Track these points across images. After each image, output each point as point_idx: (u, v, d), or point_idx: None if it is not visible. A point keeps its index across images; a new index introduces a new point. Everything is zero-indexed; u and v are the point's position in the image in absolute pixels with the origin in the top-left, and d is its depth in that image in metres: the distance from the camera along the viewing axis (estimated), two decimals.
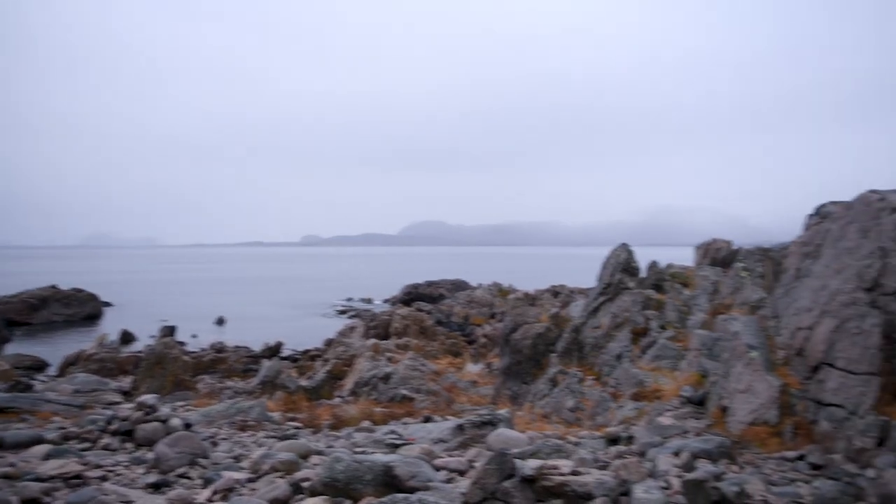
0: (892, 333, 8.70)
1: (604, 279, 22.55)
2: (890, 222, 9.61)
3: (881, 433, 7.68)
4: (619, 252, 22.90)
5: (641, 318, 19.78)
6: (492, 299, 58.72)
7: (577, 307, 25.91)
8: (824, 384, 9.29)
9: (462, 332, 47.73)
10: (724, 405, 10.93)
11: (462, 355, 35.66)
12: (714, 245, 25.70)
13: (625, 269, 22.24)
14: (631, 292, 21.14)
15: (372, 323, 42.80)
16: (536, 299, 44.88)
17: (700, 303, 19.32)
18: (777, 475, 7.74)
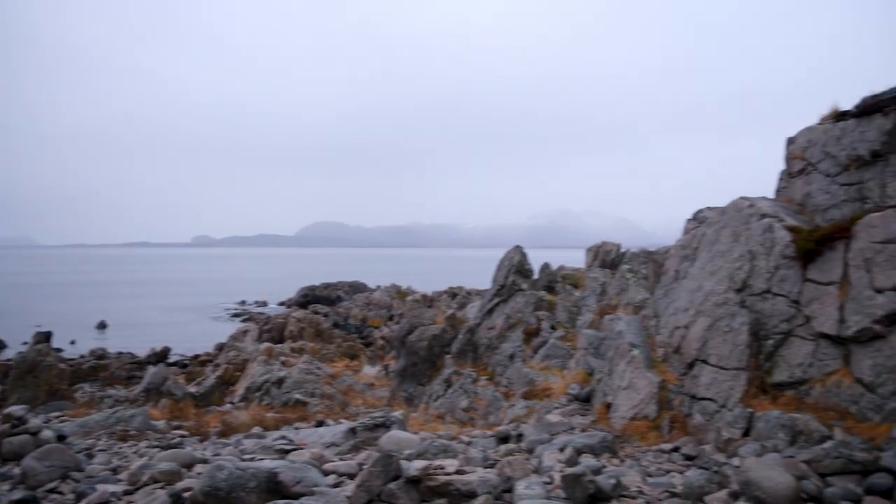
0: (758, 331, 9.29)
1: (498, 281, 22.98)
2: (758, 227, 10.26)
3: (747, 424, 8.19)
4: (512, 254, 23.38)
5: (534, 319, 20.26)
6: (390, 301, 58.63)
7: (473, 309, 26.29)
8: (698, 379, 9.81)
9: (359, 335, 47.44)
10: (609, 402, 11.35)
11: (359, 358, 35.44)
12: (604, 248, 26.66)
13: (518, 271, 22.73)
14: (524, 294, 21.62)
15: (266, 326, 41.86)
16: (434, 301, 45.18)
17: (589, 303, 19.97)
18: (654, 467, 8.10)
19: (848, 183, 10.83)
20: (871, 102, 11.09)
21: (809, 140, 12.18)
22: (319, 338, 38.46)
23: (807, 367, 8.47)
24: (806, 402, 8.17)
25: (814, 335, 8.57)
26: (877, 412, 7.31)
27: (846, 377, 7.87)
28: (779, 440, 7.41)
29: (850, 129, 11.10)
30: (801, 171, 12.15)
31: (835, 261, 8.68)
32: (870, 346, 7.75)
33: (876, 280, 7.92)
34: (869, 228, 8.34)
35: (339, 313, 57.50)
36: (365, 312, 56.03)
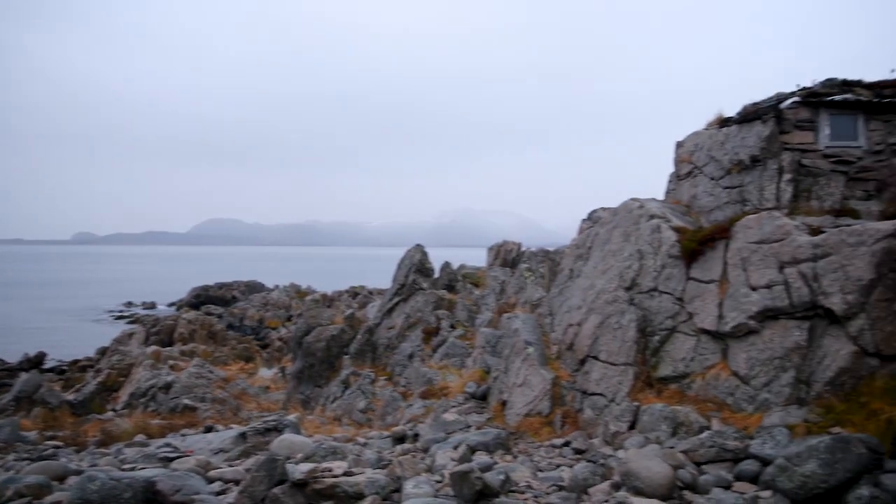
0: (645, 328, 9.62)
1: (398, 280, 22.90)
2: (647, 227, 10.62)
3: (633, 417, 8.46)
4: (413, 253, 23.35)
5: (433, 318, 20.31)
6: (289, 301, 57.39)
7: (374, 308, 26.08)
8: (589, 375, 10.06)
9: (256, 336, 46.23)
10: (504, 399, 11.49)
11: (255, 360, 34.51)
12: (505, 247, 27.04)
13: (419, 270, 22.72)
14: (424, 293, 21.64)
15: (154, 328, 40.04)
16: (334, 301, 44.58)
17: (488, 302, 20.22)
18: (545, 461, 8.23)
19: (730, 186, 11.40)
20: (752, 110, 11.71)
21: (696, 144, 12.75)
22: (212, 340, 37.19)
23: (689, 361, 8.83)
24: (688, 394, 8.52)
25: (695, 331, 8.95)
26: (750, 403, 7.70)
27: (724, 370, 8.25)
28: (661, 432, 7.68)
29: (733, 135, 11.69)
30: (689, 174, 12.69)
31: (715, 260, 9.09)
32: (745, 341, 8.16)
33: (751, 278, 8.35)
34: (745, 229, 8.77)
35: (234, 314, 55.85)
36: (262, 313, 54.66)
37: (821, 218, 9.24)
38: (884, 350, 7.05)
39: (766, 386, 7.66)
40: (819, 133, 11.10)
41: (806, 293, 7.66)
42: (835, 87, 11.31)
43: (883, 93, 10.98)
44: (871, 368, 7.08)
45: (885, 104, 10.86)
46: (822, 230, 8.07)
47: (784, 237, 8.20)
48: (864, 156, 10.96)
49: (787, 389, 7.44)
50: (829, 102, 11.03)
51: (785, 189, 10.65)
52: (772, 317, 7.97)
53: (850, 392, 7.07)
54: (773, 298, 7.94)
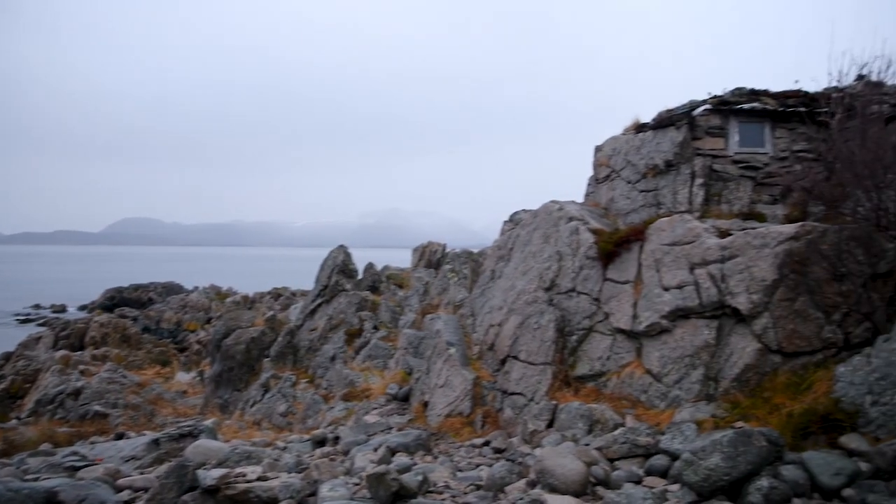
0: (564, 327, 9.79)
1: (321, 281, 22.63)
2: (566, 229, 10.82)
3: (551, 416, 8.59)
4: (336, 254, 23.13)
5: (356, 320, 20.15)
6: (209, 303, 55.87)
7: (296, 310, 25.69)
8: (510, 375, 10.18)
9: (173, 340, 44.86)
10: (426, 400, 11.50)
11: (172, 364, 33.48)
12: (430, 248, 27.08)
13: (342, 271, 22.52)
14: (347, 294, 21.45)
15: (63, 332, 38.27)
16: (256, 302, 43.68)
17: (412, 303, 20.20)
18: (465, 461, 8.27)
19: (646, 189, 11.73)
20: (666, 117, 12.09)
21: (614, 149, 13.07)
22: (126, 344, 35.85)
23: (605, 360, 9.04)
24: (604, 392, 8.72)
25: (611, 330, 9.17)
26: (662, 399, 7.94)
27: (638, 368, 8.49)
28: (578, 430, 7.83)
29: (649, 141, 12.04)
30: (607, 178, 13.00)
31: (630, 261, 9.34)
32: (658, 340, 8.41)
33: (664, 279, 8.61)
34: (659, 232, 9.05)
35: (150, 317, 53.99)
36: (180, 315, 53.04)
37: (730, 221, 9.61)
38: (786, 347, 7.39)
39: (677, 383, 7.91)
40: (729, 139, 11.57)
41: (714, 293, 7.96)
42: (743, 95, 11.79)
43: (788, 102, 11.52)
44: (775, 365, 7.41)
45: (789, 113, 11.40)
46: (729, 233, 8.40)
47: (694, 239, 8.50)
48: (770, 162, 11.47)
49: (697, 386, 7.71)
50: (738, 110, 11.51)
51: (697, 193, 11.04)
52: (683, 316, 8.25)
53: (755, 388, 7.38)
54: (684, 298, 8.22)
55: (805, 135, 11.36)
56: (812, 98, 11.34)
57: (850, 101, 10.28)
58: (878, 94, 10.92)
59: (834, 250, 7.42)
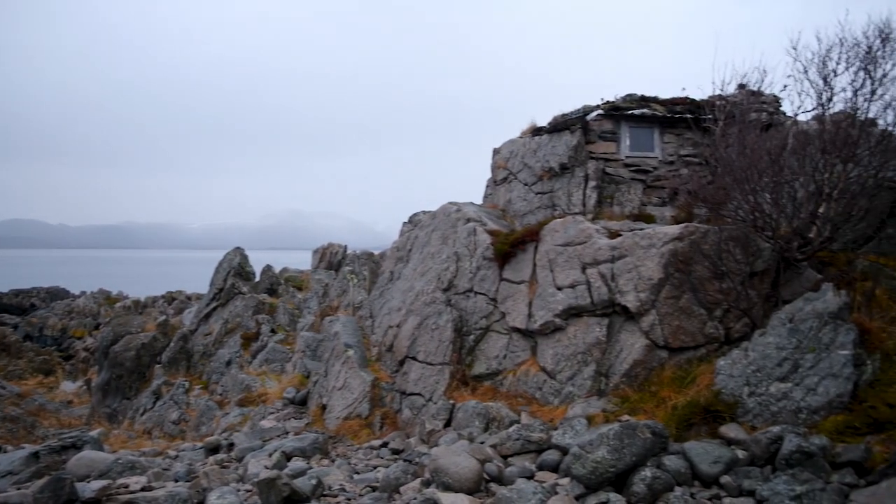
0: (461, 327, 9.85)
1: (216, 284, 21.95)
2: (464, 231, 10.90)
3: (449, 415, 8.62)
4: (232, 256, 22.48)
5: (253, 323, 19.64)
6: (97, 308, 53.12)
7: (190, 314, 24.79)
8: (408, 376, 10.15)
9: (58, 347, 42.36)
10: (324, 403, 11.31)
11: (56, 373, 31.60)
12: (330, 249, 26.72)
13: (238, 274, 21.91)
14: (244, 297, 20.88)
15: None
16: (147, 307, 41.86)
17: (311, 305, 19.86)
18: (363, 464, 8.18)
19: (542, 191, 11.98)
20: (561, 121, 12.40)
21: (511, 151, 13.28)
22: (5, 352, 33.55)
23: (501, 359, 9.16)
24: (500, 391, 8.83)
25: (508, 330, 9.30)
26: (556, 396, 8.11)
27: (533, 366, 8.64)
28: (475, 428, 7.89)
29: (544, 144, 12.29)
30: (504, 180, 13.19)
31: (525, 262, 9.51)
32: (552, 338, 8.59)
33: (557, 279, 8.80)
34: (552, 233, 9.25)
35: (32, 324, 50.79)
36: (65, 322, 50.17)
37: (620, 222, 9.94)
38: (671, 343, 7.70)
39: (570, 380, 8.10)
40: (620, 144, 11.98)
41: (605, 292, 8.20)
42: (634, 101, 12.25)
43: (675, 108, 12.04)
44: (661, 360, 7.70)
45: (676, 119, 11.92)
46: (619, 234, 8.67)
47: (586, 240, 8.73)
48: (659, 166, 11.95)
49: (589, 382, 7.91)
50: (629, 116, 11.94)
51: (590, 195, 11.37)
52: (575, 314, 8.45)
53: (643, 382, 7.65)
54: (577, 297, 8.43)
55: (691, 140, 11.91)
56: (697, 105, 11.91)
57: (731, 108, 10.85)
58: (756, 103, 11.58)
59: (715, 250, 7.79)
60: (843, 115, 8.54)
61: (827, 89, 8.90)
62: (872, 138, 8.03)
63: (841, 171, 7.82)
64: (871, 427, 5.84)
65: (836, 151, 7.78)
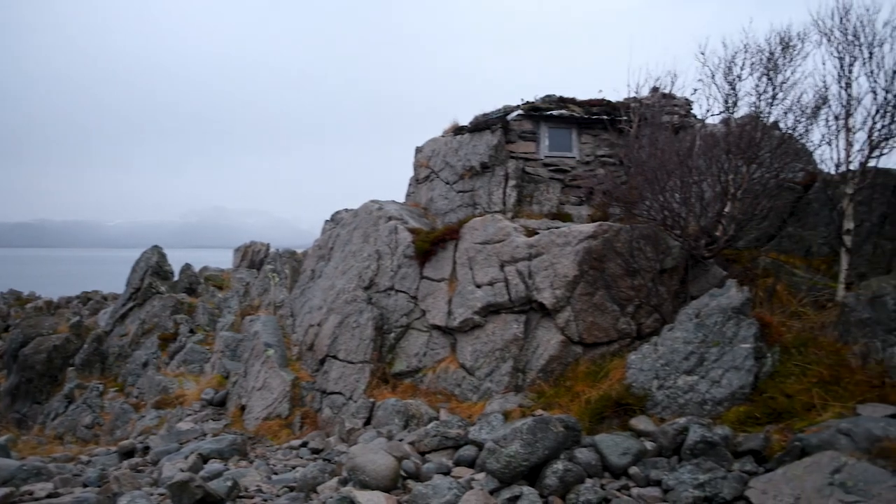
0: (382, 326, 9.85)
1: (133, 284, 21.24)
2: (386, 229, 10.90)
3: (369, 413, 8.62)
4: (150, 255, 21.80)
5: (171, 323, 19.10)
6: (7, 310, 50.72)
7: (106, 315, 23.92)
8: (329, 375, 10.09)
9: None
10: (244, 403, 11.13)
11: None
12: (252, 247, 26.18)
13: (156, 273, 21.26)
14: (162, 297, 20.29)
15: None
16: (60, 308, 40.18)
17: (231, 305, 19.46)
18: (281, 464, 8.09)
19: (463, 190, 12.08)
20: (482, 121, 12.53)
21: (433, 150, 13.35)
22: None
23: (422, 356, 9.21)
24: (420, 388, 8.88)
25: (428, 327, 9.36)
26: (475, 392, 8.22)
27: (452, 363, 8.73)
28: (394, 425, 7.91)
29: (466, 143, 12.40)
30: (426, 178, 13.25)
31: (446, 260, 9.58)
32: (471, 335, 8.70)
33: (477, 276, 8.92)
34: (472, 231, 9.35)
35: None
36: None
37: (539, 221, 10.13)
38: (586, 339, 7.91)
39: (488, 376, 8.22)
40: (540, 144, 12.19)
41: (522, 289, 8.35)
42: (553, 102, 12.48)
43: (592, 110, 12.34)
44: (576, 355, 7.91)
45: (593, 120, 12.21)
46: (536, 232, 8.85)
47: (504, 238, 8.87)
48: (576, 165, 12.22)
49: (507, 378, 8.05)
50: (548, 116, 12.17)
51: (510, 194, 11.53)
52: (494, 311, 8.58)
53: (559, 377, 7.83)
54: (495, 294, 8.55)
55: (608, 141, 12.23)
56: (613, 107, 12.23)
57: (645, 111, 11.20)
58: (668, 106, 11.99)
59: (627, 248, 8.04)
60: (748, 119, 8.95)
61: (732, 94, 9.33)
62: (774, 141, 8.43)
63: (745, 172, 8.19)
64: (770, 417, 6.13)
65: (741, 153, 8.15)
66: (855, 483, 4.46)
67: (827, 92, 8.06)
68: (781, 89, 8.88)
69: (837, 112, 7.89)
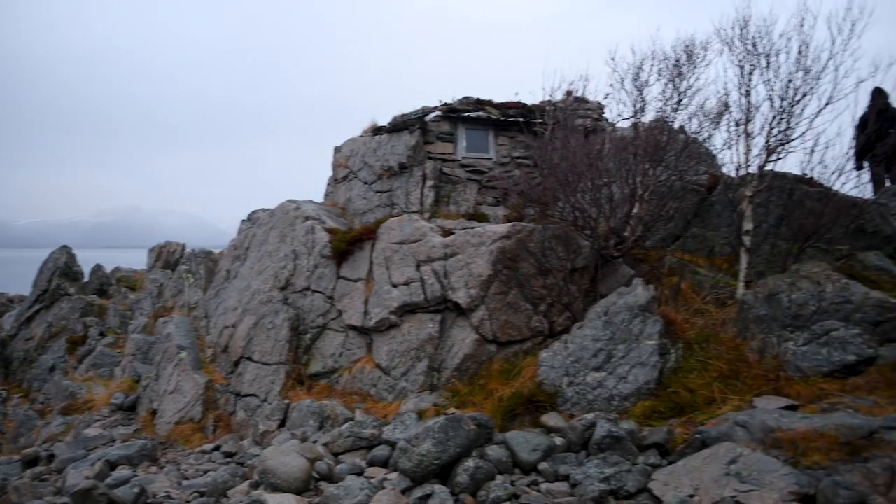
0: (298, 326, 9.77)
1: (40, 286, 20.32)
2: (302, 229, 10.80)
3: (283, 415, 8.54)
4: (58, 255, 20.89)
5: (80, 326, 18.37)
6: None
7: (10, 318, 22.80)
8: (243, 377, 9.93)
9: None
10: (155, 408, 10.83)
11: None
12: (168, 248, 25.41)
13: (65, 274, 20.39)
14: (71, 299, 19.48)
15: None
16: None
17: (144, 307, 18.88)
18: (193, 469, 7.93)
19: (381, 190, 12.09)
20: (401, 121, 12.57)
21: (352, 150, 13.30)
22: None
23: (338, 356, 9.18)
24: (336, 389, 8.85)
25: (344, 327, 9.34)
26: (390, 392, 8.25)
27: (368, 363, 8.74)
28: (309, 427, 7.87)
29: (385, 143, 12.41)
30: (345, 178, 13.19)
31: (363, 260, 9.58)
32: (387, 335, 8.73)
33: (393, 276, 8.95)
34: (389, 231, 9.39)
35: None
36: None
37: (455, 221, 10.25)
38: (500, 337, 8.05)
39: (404, 375, 8.27)
40: (457, 145, 12.32)
41: (438, 289, 8.43)
42: (470, 104, 12.63)
43: (508, 112, 12.54)
44: (490, 354, 8.04)
45: (510, 122, 12.42)
46: (452, 232, 8.95)
47: (421, 238, 8.94)
48: (493, 167, 12.41)
49: (422, 377, 8.11)
50: (466, 118, 12.31)
51: (428, 194, 11.61)
52: (410, 311, 8.64)
53: (473, 376, 7.95)
54: (411, 294, 8.61)
55: (523, 143, 12.47)
56: (529, 109, 12.47)
57: (559, 114, 11.47)
58: (582, 109, 12.30)
59: (539, 248, 8.23)
60: (655, 123, 9.30)
61: (640, 99, 9.66)
62: (678, 144, 8.79)
63: (651, 175, 8.50)
64: (673, 411, 6.39)
65: (647, 156, 8.46)
66: (749, 473, 4.70)
67: (728, 98, 8.46)
68: (686, 95, 9.26)
69: (738, 118, 8.28)
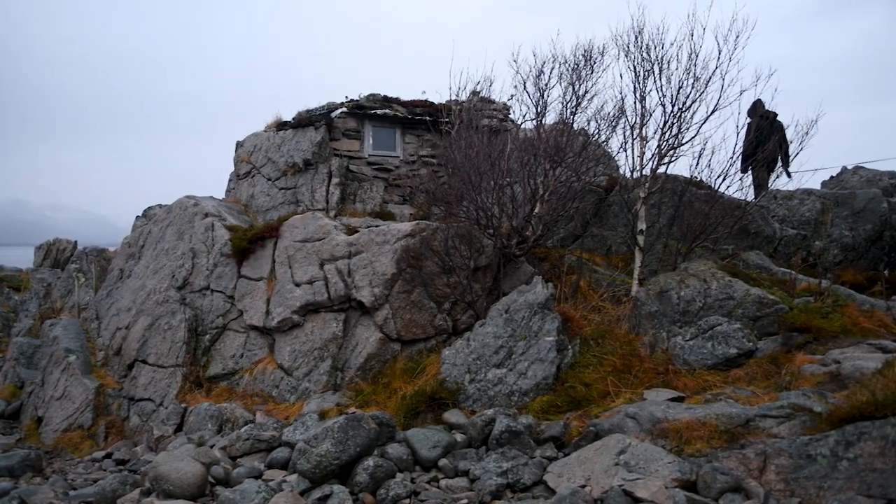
0: (196, 327, 9.45)
1: None
2: (202, 226, 10.46)
3: (181, 419, 8.24)
4: None
5: None
6: None
7: None
8: (137, 381, 9.53)
9: None
10: (40, 415, 10.25)
11: None
12: (57, 245, 24.06)
13: None
14: None
15: None
16: None
17: (30, 308, 17.84)
18: (82, 478, 7.54)
19: (285, 187, 11.85)
20: (306, 117, 12.35)
21: (255, 145, 12.98)
22: None
23: (238, 358, 8.93)
24: (236, 391, 8.61)
25: (245, 328, 9.09)
26: (293, 393, 8.09)
27: (270, 364, 8.54)
28: (207, 431, 7.61)
29: (289, 139, 12.17)
30: (248, 174, 12.86)
31: (265, 258, 9.36)
32: (289, 335, 8.56)
33: (296, 275, 8.79)
34: (292, 229, 9.21)
35: None
36: None
37: (361, 219, 10.16)
38: (404, 336, 8.04)
39: (306, 376, 8.13)
40: (364, 142, 12.23)
41: (342, 287, 8.33)
42: (377, 101, 12.57)
43: (415, 110, 12.55)
44: (394, 352, 8.01)
45: (417, 120, 12.43)
46: (357, 230, 8.87)
47: (325, 236, 8.81)
48: (400, 165, 12.39)
49: (325, 377, 8.00)
50: (372, 115, 12.24)
51: (333, 192, 11.47)
52: (313, 310, 8.50)
53: (377, 374, 7.90)
54: (315, 293, 8.47)
55: (430, 141, 12.50)
56: (436, 108, 12.52)
57: (464, 113, 11.56)
58: (488, 109, 12.45)
59: (443, 247, 8.26)
60: (555, 125, 9.51)
61: (542, 101, 9.87)
62: (578, 146, 9.02)
63: (552, 175, 8.69)
64: (570, 405, 6.56)
65: (548, 157, 8.64)
66: (637, 462, 4.87)
67: (624, 103, 8.75)
68: (585, 98, 9.52)
69: (633, 122, 8.58)
